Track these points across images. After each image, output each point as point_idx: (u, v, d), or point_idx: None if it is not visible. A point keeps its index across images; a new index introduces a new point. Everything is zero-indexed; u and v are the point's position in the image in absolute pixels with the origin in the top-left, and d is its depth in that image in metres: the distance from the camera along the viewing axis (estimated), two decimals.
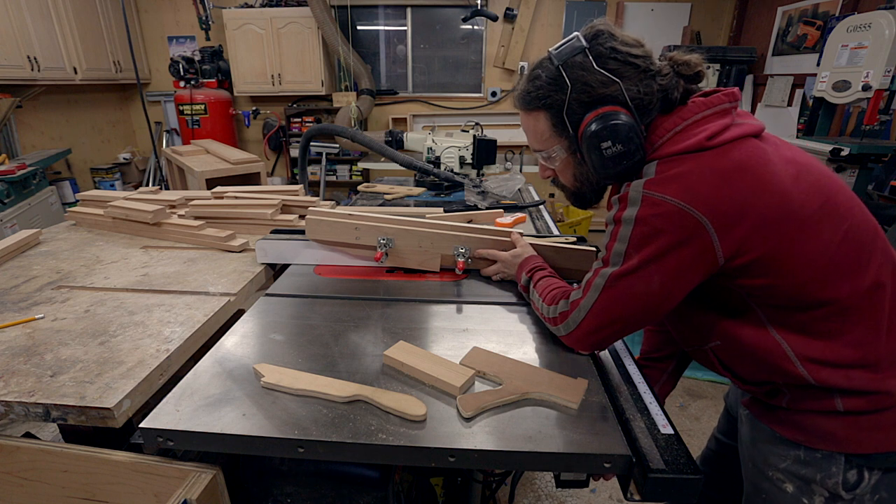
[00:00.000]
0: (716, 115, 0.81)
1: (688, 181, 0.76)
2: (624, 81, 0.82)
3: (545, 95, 0.88)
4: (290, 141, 5.62)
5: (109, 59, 4.85)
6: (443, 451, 0.72)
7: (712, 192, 0.75)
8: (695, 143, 0.79)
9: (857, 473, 0.82)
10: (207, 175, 3.09)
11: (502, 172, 2.59)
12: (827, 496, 0.84)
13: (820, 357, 0.80)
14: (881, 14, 2.65)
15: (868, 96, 2.72)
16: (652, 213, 0.78)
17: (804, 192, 0.77)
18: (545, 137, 0.93)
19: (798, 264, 0.77)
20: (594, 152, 0.84)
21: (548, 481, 2.13)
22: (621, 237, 0.82)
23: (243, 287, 1.27)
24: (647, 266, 0.80)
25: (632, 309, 0.85)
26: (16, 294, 1.23)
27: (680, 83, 0.85)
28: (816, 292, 0.78)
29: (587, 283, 0.89)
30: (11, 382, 0.86)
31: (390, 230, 1.31)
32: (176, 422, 0.76)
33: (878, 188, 3.29)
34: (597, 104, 0.84)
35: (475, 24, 5.25)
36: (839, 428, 0.81)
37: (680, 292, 0.83)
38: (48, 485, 0.87)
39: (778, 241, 0.76)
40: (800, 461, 0.86)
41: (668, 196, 0.76)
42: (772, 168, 0.77)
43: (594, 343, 0.92)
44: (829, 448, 0.83)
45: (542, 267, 1.13)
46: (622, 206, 0.83)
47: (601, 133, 0.82)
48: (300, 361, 0.92)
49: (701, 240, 0.76)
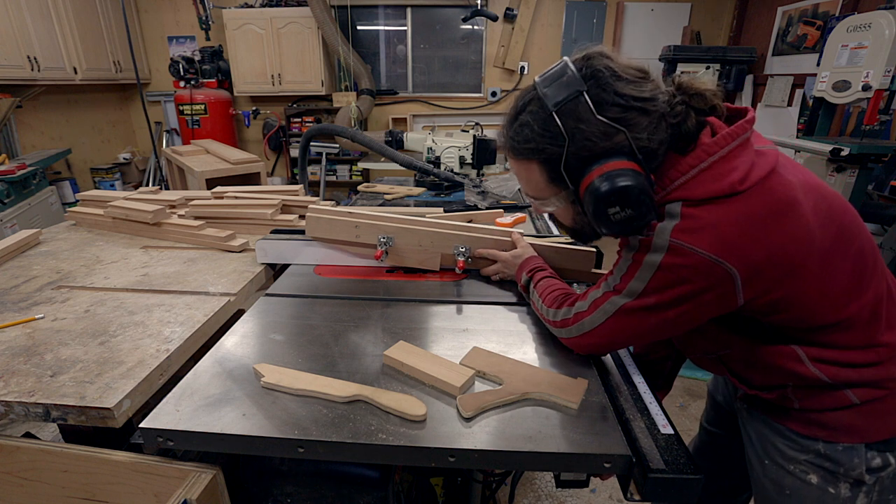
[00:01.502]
0: (740, 147, 0.73)
1: (721, 231, 0.70)
2: (630, 130, 0.72)
3: (537, 148, 0.77)
4: (290, 141, 5.62)
5: (109, 59, 4.86)
6: (443, 451, 0.72)
7: (746, 243, 0.70)
8: (727, 187, 0.71)
9: (882, 459, 0.82)
10: (207, 175, 3.09)
11: (502, 172, 2.59)
12: (852, 482, 0.84)
13: (831, 359, 0.80)
14: (881, 14, 2.65)
15: (868, 96, 2.72)
16: (680, 262, 0.72)
17: (822, 226, 0.74)
18: (540, 187, 0.83)
19: (814, 298, 0.76)
20: (600, 216, 0.75)
21: (548, 481, 2.13)
22: (640, 276, 0.77)
23: (243, 287, 1.27)
24: (664, 307, 0.77)
25: (638, 336, 0.84)
26: (16, 294, 1.23)
27: (692, 116, 0.76)
28: (828, 316, 0.78)
29: (594, 302, 0.85)
30: (11, 382, 0.86)
31: (390, 228, 1.31)
32: (176, 422, 0.76)
33: (878, 188, 3.29)
34: (599, 157, 0.74)
35: (475, 24, 5.25)
36: (856, 419, 0.81)
37: (692, 326, 0.81)
38: (48, 485, 0.87)
39: (800, 282, 0.74)
40: (821, 455, 0.85)
41: (699, 249, 0.70)
42: (800, 209, 0.72)
43: (592, 352, 0.94)
44: (850, 441, 0.82)
45: (542, 268, 1.13)
46: (644, 248, 0.76)
47: (608, 198, 0.72)
48: (300, 361, 0.92)
49: (724, 287, 0.73)
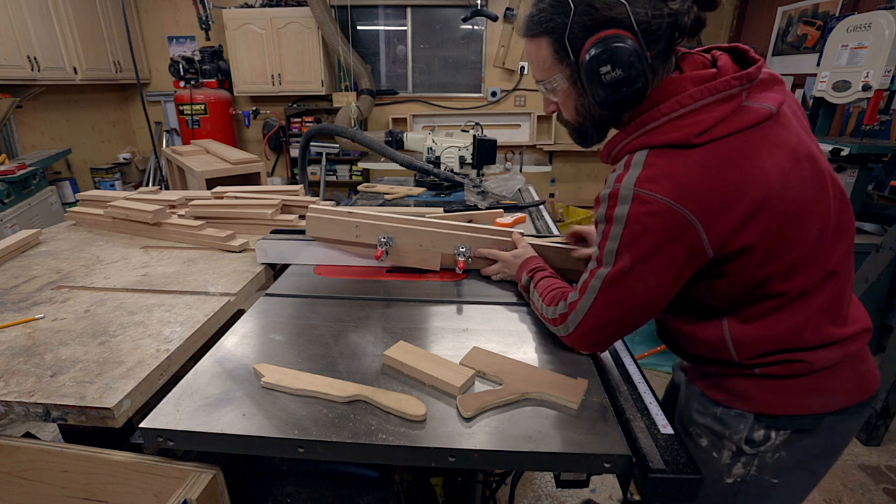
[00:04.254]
0: (717, 102, 0.78)
1: (678, 180, 0.76)
2: (631, 3, 0.77)
3: (547, 19, 0.83)
4: (290, 141, 5.62)
5: (109, 59, 4.85)
6: (443, 451, 0.72)
7: (702, 189, 0.75)
8: (683, 138, 0.77)
9: (764, 433, 0.88)
10: (207, 175, 3.09)
11: (502, 172, 2.59)
12: (734, 451, 0.91)
13: (751, 341, 0.85)
14: (881, 14, 2.65)
15: (868, 96, 2.72)
16: (645, 211, 0.77)
17: (795, 187, 0.77)
18: (547, 66, 0.88)
19: (780, 247, 0.79)
20: (593, 78, 0.80)
21: (548, 481, 2.13)
22: (613, 235, 0.81)
23: (243, 287, 1.27)
24: (638, 265, 0.80)
25: (629, 308, 0.86)
26: (16, 294, 1.23)
27: (693, 8, 0.79)
28: (781, 281, 0.81)
29: (583, 284, 0.89)
30: (11, 382, 0.86)
31: (390, 228, 1.31)
32: (176, 422, 0.76)
33: (878, 188, 3.29)
34: (600, 27, 0.79)
35: (475, 24, 5.25)
36: (754, 389, 0.88)
37: (674, 288, 0.83)
38: (48, 485, 0.87)
39: (765, 225, 0.77)
40: (716, 418, 0.93)
41: (659, 195, 0.76)
42: (759, 162, 0.76)
43: (594, 343, 0.93)
44: (743, 408, 0.89)
45: (542, 268, 1.13)
46: (612, 203, 0.81)
47: (601, 57, 0.78)
48: (300, 361, 0.92)
49: (688, 236, 0.76)
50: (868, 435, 2.32)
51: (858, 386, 0.89)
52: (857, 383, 0.88)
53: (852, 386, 0.88)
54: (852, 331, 0.87)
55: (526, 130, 5.47)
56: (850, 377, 0.87)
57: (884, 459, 2.25)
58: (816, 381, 0.85)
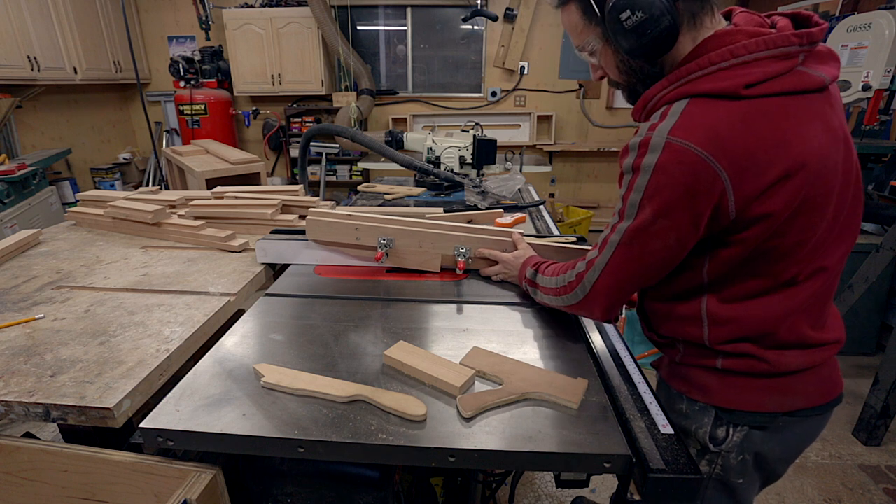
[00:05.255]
0: (773, 58, 0.73)
1: (716, 131, 0.72)
2: None
3: None
4: (290, 141, 5.61)
5: (109, 59, 4.85)
6: (443, 451, 0.72)
7: (738, 144, 0.72)
8: (730, 88, 0.73)
9: (725, 430, 0.90)
10: (207, 175, 3.09)
11: (502, 172, 2.59)
12: (699, 448, 0.94)
13: (726, 320, 0.85)
14: (881, 14, 2.65)
15: (868, 96, 2.72)
16: (674, 159, 0.73)
17: (830, 167, 0.76)
18: (579, 30, 0.88)
19: (796, 228, 0.77)
20: (618, 28, 0.78)
21: (548, 481, 2.13)
22: (637, 186, 0.78)
23: (243, 287, 1.27)
24: (660, 220, 0.77)
25: (645, 267, 0.84)
26: (16, 294, 1.23)
27: None
28: (776, 261, 0.80)
29: (603, 239, 0.86)
30: (11, 382, 0.86)
31: (390, 230, 1.31)
32: (176, 422, 0.76)
33: (879, 188, 3.28)
34: None
35: (475, 24, 5.25)
36: (715, 383, 0.90)
37: (691, 244, 0.81)
38: (48, 485, 0.87)
39: (790, 201, 0.74)
40: (682, 414, 0.95)
41: (691, 143, 0.72)
42: (803, 130, 0.73)
43: (607, 307, 0.90)
44: (704, 400, 0.91)
45: (545, 261, 1.13)
46: (641, 152, 0.77)
47: (619, 4, 0.76)
48: (300, 361, 0.92)
49: (715, 192, 0.73)
50: (868, 435, 2.33)
51: (819, 389, 0.89)
52: (817, 387, 0.89)
53: (812, 389, 0.88)
54: (827, 338, 0.87)
55: (526, 130, 5.47)
56: (811, 381, 0.87)
57: (884, 459, 2.25)
58: (776, 383, 0.86)
